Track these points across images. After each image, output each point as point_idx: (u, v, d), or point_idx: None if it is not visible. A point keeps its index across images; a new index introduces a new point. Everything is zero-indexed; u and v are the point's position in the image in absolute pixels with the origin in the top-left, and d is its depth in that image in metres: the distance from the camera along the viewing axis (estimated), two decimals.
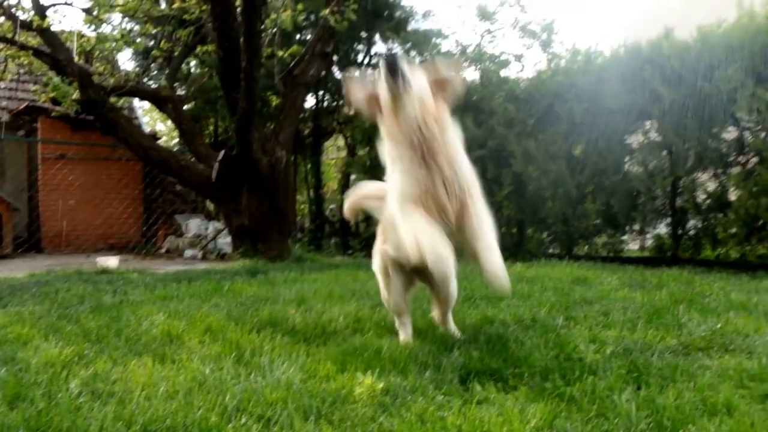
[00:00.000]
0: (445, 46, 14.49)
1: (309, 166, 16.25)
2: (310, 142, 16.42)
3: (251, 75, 9.05)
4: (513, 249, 10.53)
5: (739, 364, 3.00)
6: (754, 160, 8.25)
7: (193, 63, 17.21)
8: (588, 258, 9.55)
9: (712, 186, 8.72)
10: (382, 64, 3.06)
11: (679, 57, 8.51)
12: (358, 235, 14.17)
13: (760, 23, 7.82)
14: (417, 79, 3.09)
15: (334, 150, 20.59)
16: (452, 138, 3.13)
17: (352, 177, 14.66)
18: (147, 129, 18.93)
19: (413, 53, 15.57)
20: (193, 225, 14.72)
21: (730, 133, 8.53)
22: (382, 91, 3.11)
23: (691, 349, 3.42)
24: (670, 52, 8.65)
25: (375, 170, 12.40)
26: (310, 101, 16.24)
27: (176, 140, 21.66)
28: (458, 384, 2.83)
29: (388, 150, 3.21)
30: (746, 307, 4.60)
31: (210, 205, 16.83)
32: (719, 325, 3.85)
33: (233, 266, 8.96)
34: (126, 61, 29.71)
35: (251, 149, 9.87)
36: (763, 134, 7.97)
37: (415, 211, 3.05)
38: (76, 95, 10.24)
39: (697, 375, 2.87)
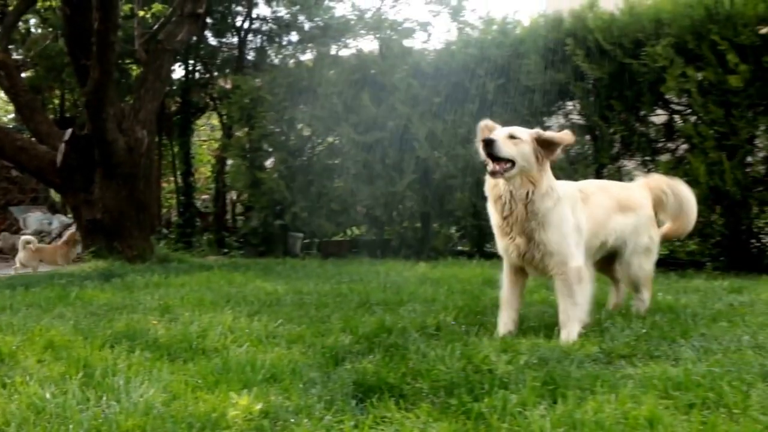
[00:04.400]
0: (340, 10, 14.55)
1: (176, 148, 15.94)
2: (178, 120, 16.11)
3: (105, 38, 8.83)
4: (417, 246, 10.67)
5: (663, 372, 3.13)
6: (684, 146, 8.66)
7: (32, 21, 16.59)
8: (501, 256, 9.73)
9: (639, 174, 9.07)
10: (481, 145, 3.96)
11: (605, 30, 8.80)
12: (235, 231, 13.99)
13: None
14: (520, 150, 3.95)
15: (207, 130, 20.31)
16: (545, 209, 4.03)
17: (229, 162, 14.45)
18: None
19: (301, 18, 15.50)
20: (33, 219, 14.30)
21: (659, 117, 8.90)
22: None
23: (614, 356, 3.56)
24: (595, 24, 8.93)
25: (255, 153, 12.26)
26: (178, 72, 15.95)
27: (11, 116, 20.80)
28: (350, 402, 2.83)
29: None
30: (674, 309, 4.82)
31: (55, 195, 16.31)
32: (644, 330, 4.03)
33: (83, 269, 8.80)
34: None
35: (105, 128, 9.63)
36: (693, 118, 8.36)
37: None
38: None
39: (619, 386, 2.98)
